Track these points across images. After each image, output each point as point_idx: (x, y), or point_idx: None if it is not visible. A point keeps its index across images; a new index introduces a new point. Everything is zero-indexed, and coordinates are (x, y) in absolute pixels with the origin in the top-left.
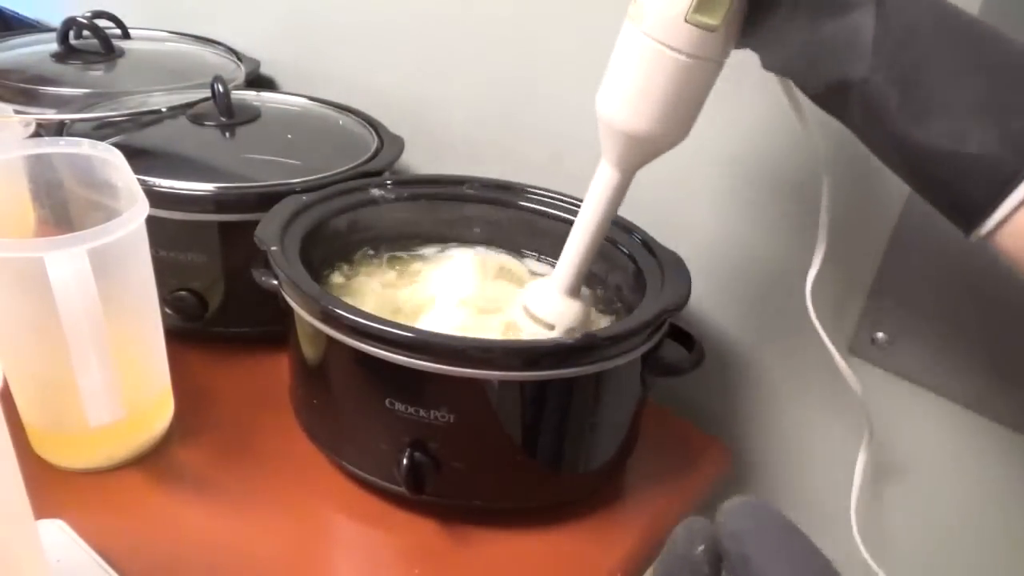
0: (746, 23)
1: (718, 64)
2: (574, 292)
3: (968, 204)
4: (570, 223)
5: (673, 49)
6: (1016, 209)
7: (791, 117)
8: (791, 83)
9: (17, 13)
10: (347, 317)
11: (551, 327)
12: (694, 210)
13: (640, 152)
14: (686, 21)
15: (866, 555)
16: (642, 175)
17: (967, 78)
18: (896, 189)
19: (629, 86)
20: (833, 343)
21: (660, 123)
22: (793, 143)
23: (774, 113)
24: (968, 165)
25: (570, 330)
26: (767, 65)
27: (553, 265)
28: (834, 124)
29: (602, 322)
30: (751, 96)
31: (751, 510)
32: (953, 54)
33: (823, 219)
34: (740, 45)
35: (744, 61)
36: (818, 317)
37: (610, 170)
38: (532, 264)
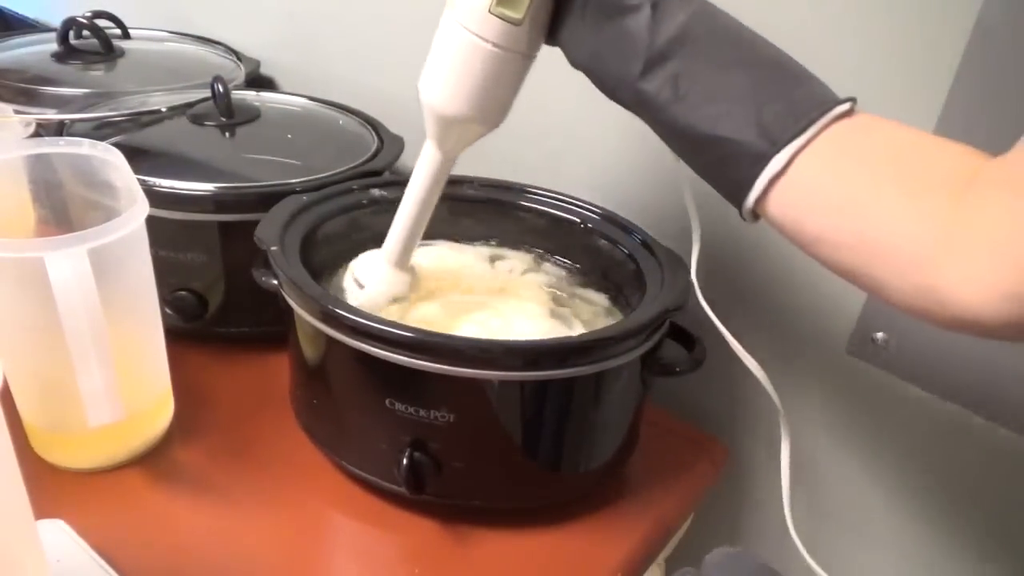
0: (552, 21)
1: (527, 57)
2: (398, 264)
3: (731, 183)
4: (570, 223)
5: (481, 38)
6: (769, 186)
7: None
8: None
9: (17, 13)
10: (347, 317)
11: (362, 286)
12: (684, 204)
13: (457, 134)
14: (490, 12)
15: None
16: (629, 174)
17: (728, 74)
18: None
19: (445, 71)
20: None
21: (473, 108)
22: None
23: None
24: (728, 149)
25: (392, 297)
26: (571, 63)
27: (556, 264)
28: None
29: (594, 296)
30: None
31: (734, 560)
32: (717, 53)
33: (689, 203)
34: (549, 42)
35: None
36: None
37: (433, 150)
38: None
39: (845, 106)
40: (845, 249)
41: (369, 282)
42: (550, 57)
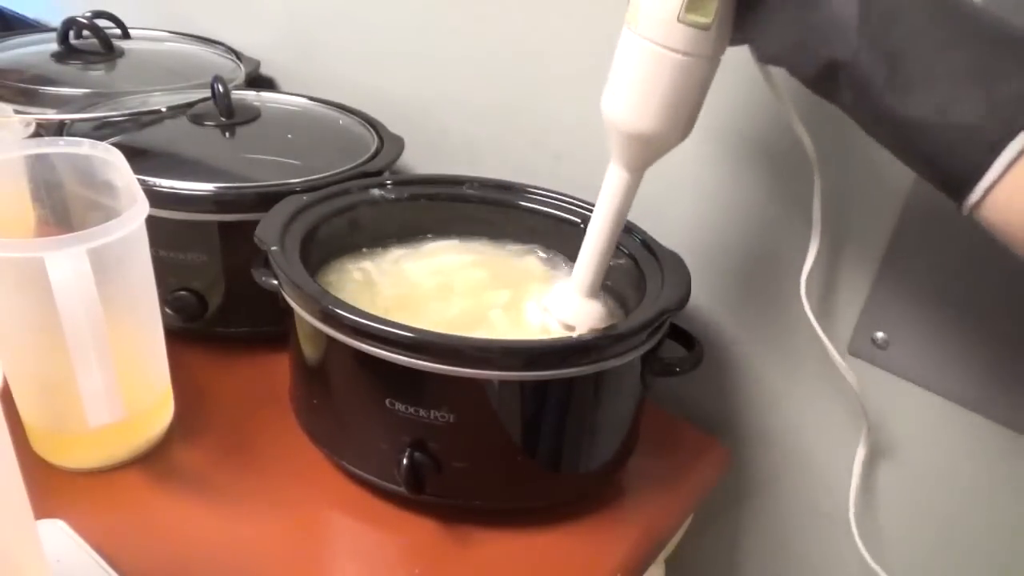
0: (737, 18)
1: (715, 61)
2: (593, 293)
3: (956, 174)
4: (570, 223)
5: (670, 49)
6: (1001, 176)
7: (777, 109)
8: (774, 77)
9: (17, 13)
10: (347, 317)
11: (571, 328)
12: (685, 206)
13: (646, 152)
14: (679, 21)
15: (864, 552)
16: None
17: (949, 52)
18: (897, 188)
19: (631, 88)
20: (830, 341)
21: (663, 122)
22: (780, 137)
23: (759, 104)
24: (954, 136)
25: (592, 330)
26: (760, 57)
27: (557, 264)
28: (826, 114)
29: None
30: (735, 86)
31: None
32: (935, 29)
33: (816, 212)
34: (734, 41)
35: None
36: (815, 315)
37: (619, 171)
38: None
39: None
40: None
41: (574, 320)
42: (549, 57)
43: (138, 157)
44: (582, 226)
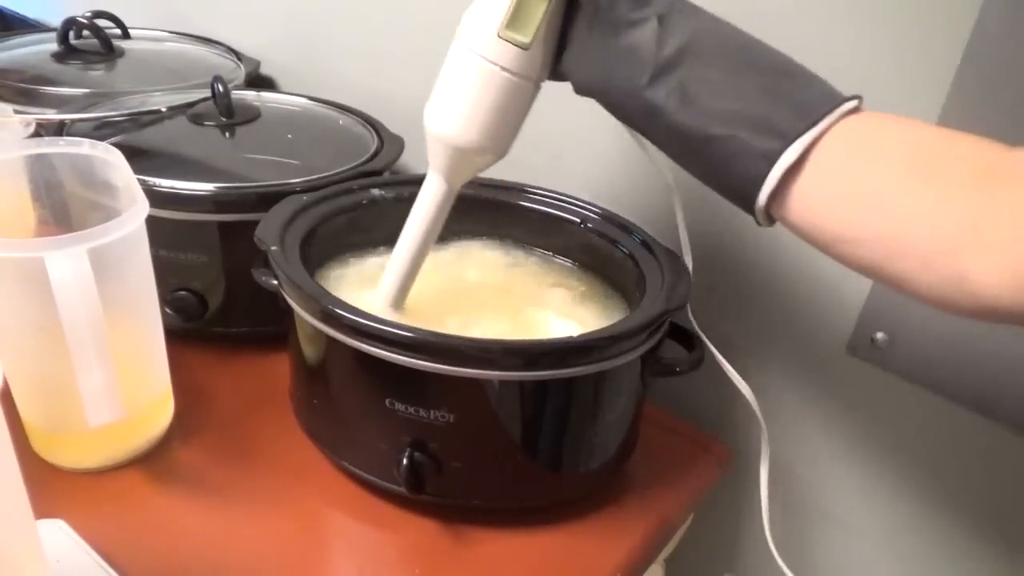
0: (558, 49)
1: (534, 85)
2: (397, 306)
3: (741, 184)
4: (570, 223)
5: (491, 63)
6: (781, 184)
7: None
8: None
9: (17, 13)
10: (347, 317)
11: None
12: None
13: (465, 164)
14: (499, 36)
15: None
16: (629, 174)
17: (735, 78)
18: None
19: (455, 100)
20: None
21: (484, 136)
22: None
23: None
24: (737, 147)
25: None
26: (577, 89)
27: (557, 264)
28: None
29: (579, 311)
30: None
31: None
32: (724, 60)
33: (683, 237)
34: (553, 75)
35: None
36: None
37: (438, 182)
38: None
39: (853, 102)
40: (867, 245)
41: None
42: None
43: (138, 157)
44: (581, 226)
